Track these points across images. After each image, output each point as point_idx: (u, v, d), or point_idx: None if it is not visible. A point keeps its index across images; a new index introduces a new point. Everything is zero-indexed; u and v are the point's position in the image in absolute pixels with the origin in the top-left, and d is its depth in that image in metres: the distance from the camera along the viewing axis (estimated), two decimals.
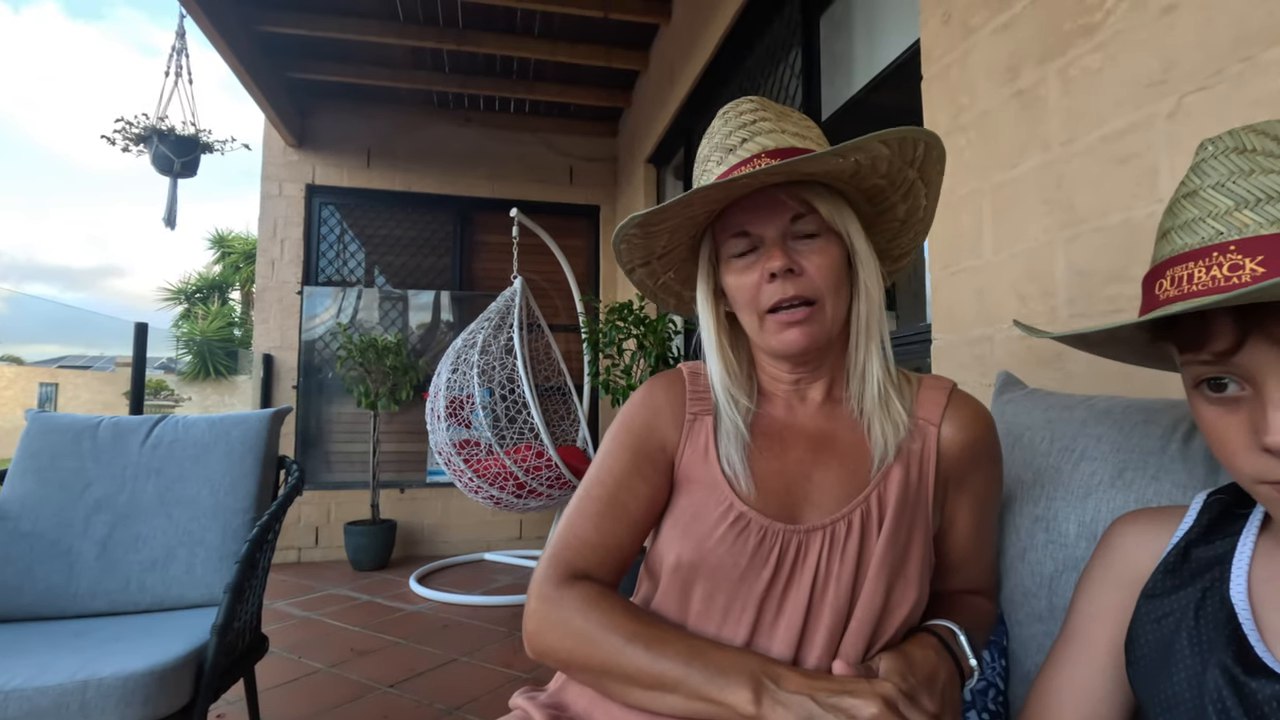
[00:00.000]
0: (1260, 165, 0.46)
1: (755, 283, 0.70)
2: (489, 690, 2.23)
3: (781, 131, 0.71)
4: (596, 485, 0.74)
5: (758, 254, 0.70)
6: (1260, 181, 0.45)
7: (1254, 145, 0.46)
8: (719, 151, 0.72)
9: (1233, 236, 0.45)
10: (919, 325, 1.69)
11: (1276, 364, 0.44)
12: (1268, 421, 0.44)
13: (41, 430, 1.73)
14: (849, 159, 0.65)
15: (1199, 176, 0.49)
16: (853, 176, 0.70)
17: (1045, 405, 0.88)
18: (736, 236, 0.71)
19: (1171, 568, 0.55)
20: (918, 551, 0.69)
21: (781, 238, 0.69)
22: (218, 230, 16.20)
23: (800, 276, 0.68)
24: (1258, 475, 0.46)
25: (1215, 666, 0.47)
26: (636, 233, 0.72)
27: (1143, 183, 0.98)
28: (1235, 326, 0.44)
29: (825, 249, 0.69)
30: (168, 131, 3.78)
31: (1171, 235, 0.49)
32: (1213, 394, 0.47)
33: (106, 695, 1.15)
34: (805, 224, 0.69)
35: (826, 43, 2.36)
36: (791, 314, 0.68)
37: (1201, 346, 0.46)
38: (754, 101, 0.74)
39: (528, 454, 3.08)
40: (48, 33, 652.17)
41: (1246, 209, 0.45)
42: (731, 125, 0.73)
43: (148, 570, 1.63)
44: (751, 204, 0.70)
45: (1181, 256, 0.48)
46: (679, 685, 0.61)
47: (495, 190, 4.77)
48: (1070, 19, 1.10)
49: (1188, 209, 0.48)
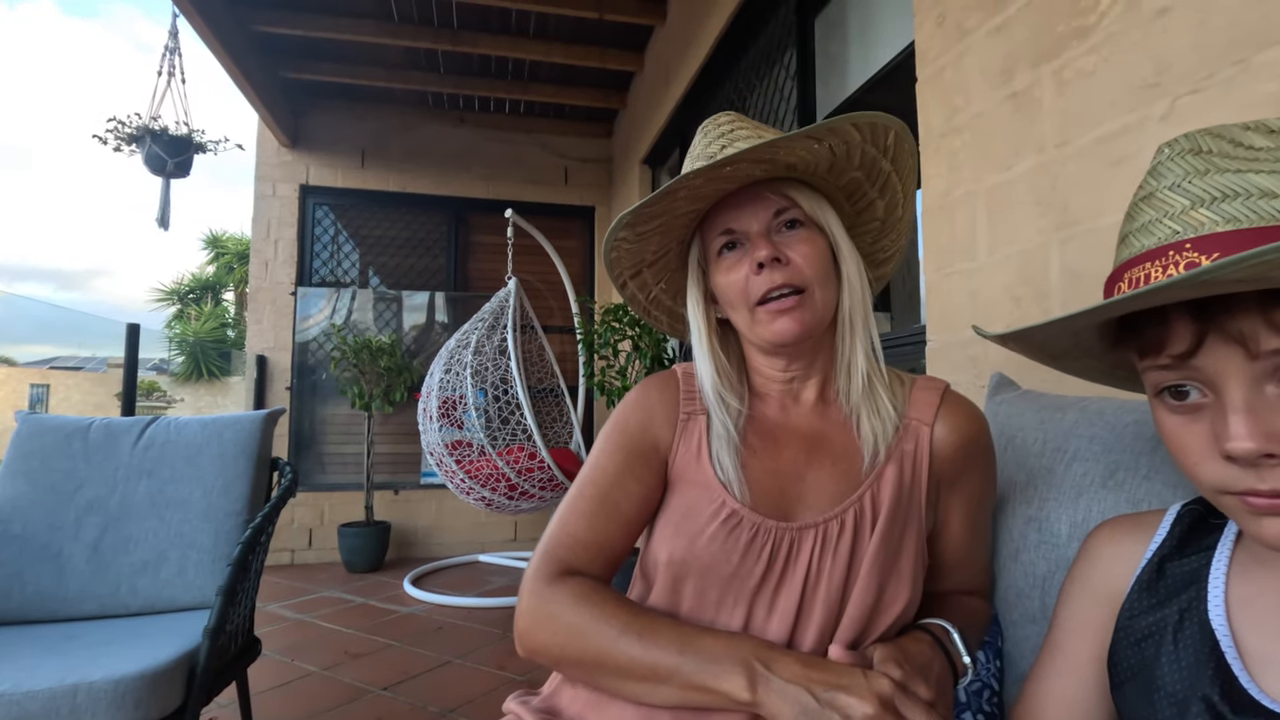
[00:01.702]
0: (1215, 165, 0.45)
1: (743, 277, 0.71)
2: (483, 693, 2.22)
3: (759, 137, 0.72)
4: (589, 484, 0.74)
5: (743, 249, 0.72)
6: (1215, 180, 0.45)
7: (1209, 146, 0.46)
8: (700, 161, 0.73)
9: (1188, 235, 0.44)
10: (914, 327, 1.70)
11: (1235, 366, 0.42)
12: (1228, 427, 0.42)
13: (32, 432, 1.72)
14: (824, 143, 0.67)
15: (1155, 179, 0.48)
16: (830, 170, 0.72)
17: (1038, 406, 0.89)
18: (722, 235, 0.73)
19: (1147, 585, 0.54)
20: (911, 551, 0.69)
21: (766, 231, 0.71)
22: (211, 231, 16.16)
23: (787, 265, 0.69)
24: (1220, 485, 0.44)
25: (1199, 701, 0.46)
26: (627, 234, 0.73)
27: (1136, 185, 0.98)
28: (1194, 326, 0.43)
29: (810, 239, 0.71)
30: (161, 131, 3.76)
31: (1129, 239, 0.49)
32: (1174, 402, 0.47)
33: (97, 699, 1.14)
34: (788, 216, 0.72)
35: (821, 44, 2.36)
36: (781, 303, 0.69)
37: (1161, 349, 0.46)
38: (731, 114, 0.77)
39: (520, 455, 3.08)
40: (43, 29, 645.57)
41: (1202, 207, 0.44)
42: (710, 136, 0.75)
43: (139, 573, 1.62)
44: (735, 202, 0.72)
45: (1139, 258, 0.47)
46: (673, 675, 0.61)
47: (490, 191, 4.77)
48: (1064, 21, 1.11)
49: (1145, 211, 0.48)
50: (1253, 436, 0.41)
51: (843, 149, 0.69)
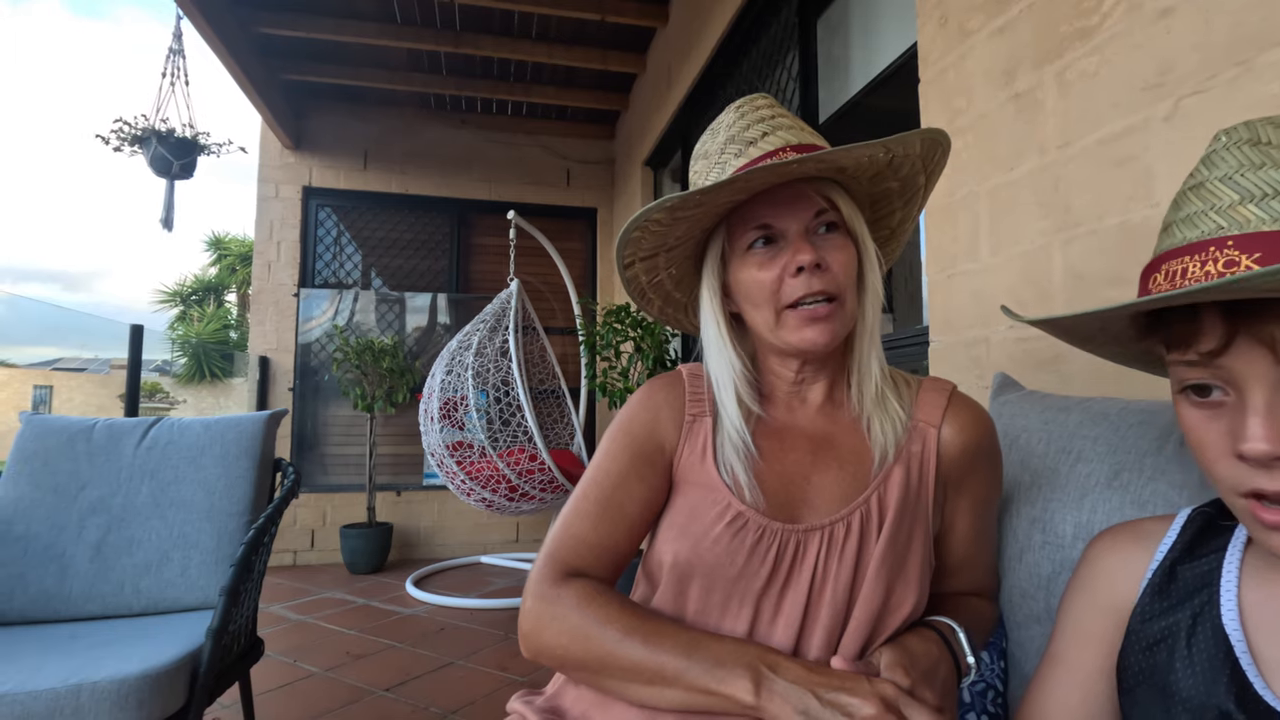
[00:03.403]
0: (1273, 158, 0.43)
1: (776, 277, 0.68)
2: (485, 694, 2.22)
3: (800, 129, 0.71)
4: (594, 485, 0.74)
5: (778, 247, 0.69)
6: (1270, 175, 0.43)
7: (1270, 138, 0.44)
8: (736, 144, 0.70)
9: (1233, 232, 0.43)
10: (916, 327, 1.69)
11: (1262, 368, 0.42)
12: (1246, 428, 0.42)
13: (35, 433, 1.72)
14: (889, 152, 0.66)
15: (1208, 168, 0.46)
16: (873, 177, 0.70)
17: (1042, 407, 0.89)
18: (756, 229, 0.70)
19: (1159, 589, 0.53)
20: (918, 553, 0.69)
21: (805, 232, 0.69)
22: (214, 232, 16.20)
23: (826, 272, 0.67)
24: (1234, 484, 0.44)
25: (1215, 710, 0.46)
26: (663, 217, 0.69)
27: (1139, 185, 0.98)
28: (1225, 326, 0.43)
29: (845, 245, 0.69)
30: (167, 133, 3.77)
31: (1173, 228, 0.48)
32: (1197, 398, 0.46)
33: (100, 699, 1.14)
34: (827, 219, 0.69)
35: (823, 46, 2.36)
36: (815, 309, 0.67)
37: (1189, 345, 0.45)
38: (768, 98, 0.74)
39: (521, 457, 3.08)
40: (51, 28, 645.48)
41: (1251, 203, 0.43)
42: (749, 119, 0.71)
43: (142, 573, 1.62)
44: (774, 198, 0.69)
45: (1178, 250, 0.46)
46: (678, 678, 0.61)
47: (492, 193, 4.77)
48: (1067, 22, 1.11)
49: (1192, 202, 0.47)
50: (1269, 439, 0.42)
51: (899, 160, 0.68)
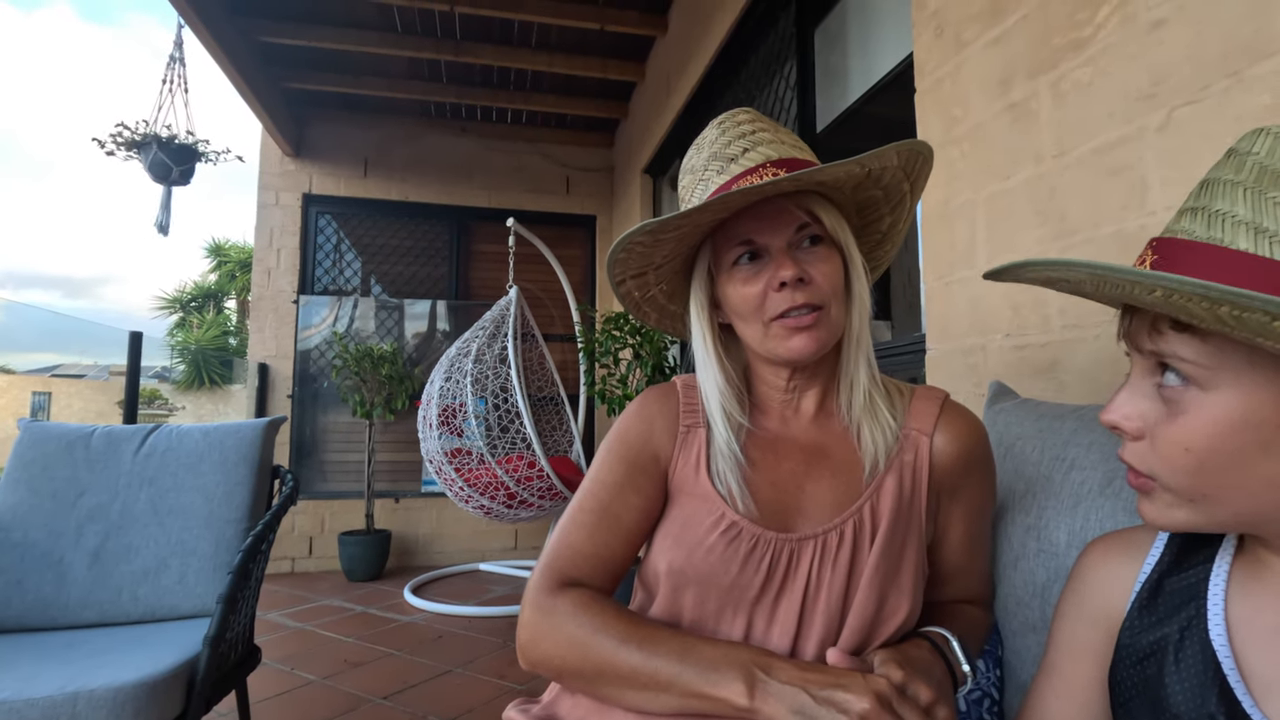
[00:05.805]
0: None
1: (760, 292, 0.70)
2: (483, 702, 2.21)
3: (780, 143, 0.72)
4: (590, 496, 0.74)
5: (762, 262, 0.71)
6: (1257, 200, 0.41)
7: None
8: (718, 161, 0.72)
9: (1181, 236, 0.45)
10: (914, 335, 1.70)
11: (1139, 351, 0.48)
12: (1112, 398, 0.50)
13: (34, 439, 1.72)
14: (865, 167, 0.67)
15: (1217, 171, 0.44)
16: (855, 187, 0.71)
17: (1036, 415, 0.89)
18: (740, 245, 0.71)
19: (1146, 603, 0.54)
20: (911, 561, 0.69)
21: (788, 247, 0.70)
22: (214, 239, 16.23)
23: (809, 285, 0.68)
24: None
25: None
26: (645, 239, 0.71)
27: (1133, 194, 0.99)
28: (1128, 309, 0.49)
29: (829, 257, 0.70)
30: (168, 140, 3.79)
31: (1180, 215, 0.46)
32: None
33: (97, 707, 1.14)
34: (810, 232, 0.70)
35: (821, 55, 2.38)
36: (799, 319, 0.68)
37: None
38: (749, 113, 0.75)
39: (519, 464, 3.08)
40: (60, 34, 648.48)
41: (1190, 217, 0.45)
42: (730, 135, 0.73)
43: (140, 581, 1.62)
44: (757, 213, 0.70)
45: (1157, 239, 0.47)
46: (673, 683, 0.61)
47: (492, 200, 4.78)
48: (1061, 34, 1.12)
49: (1195, 195, 0.45)
50: (1112, 411, 0.49)
51: (878, 172, 0.69)
